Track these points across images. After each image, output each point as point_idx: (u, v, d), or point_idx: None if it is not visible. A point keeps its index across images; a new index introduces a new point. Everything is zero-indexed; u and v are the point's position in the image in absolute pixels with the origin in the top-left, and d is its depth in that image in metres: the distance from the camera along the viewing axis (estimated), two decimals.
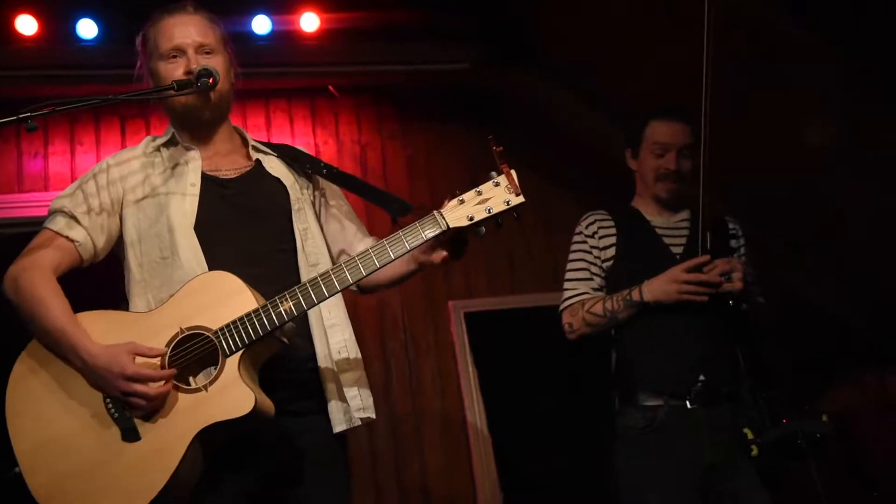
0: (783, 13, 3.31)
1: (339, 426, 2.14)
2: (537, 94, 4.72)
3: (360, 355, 2.25)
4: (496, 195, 2.01)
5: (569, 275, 3.04)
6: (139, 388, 1.93)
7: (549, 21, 4.34)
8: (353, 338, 2.25)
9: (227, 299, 2.00)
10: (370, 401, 2.22)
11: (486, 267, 4.83)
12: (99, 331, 2.03)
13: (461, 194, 2.02)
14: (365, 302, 4.38)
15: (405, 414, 4.44)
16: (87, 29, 4.22)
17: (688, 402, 2.74)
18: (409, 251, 2.01)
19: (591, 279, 2.99)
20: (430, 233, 2.01)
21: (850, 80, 3.41)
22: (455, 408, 4.49)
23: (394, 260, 2.01)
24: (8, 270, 2.13)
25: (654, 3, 3.72)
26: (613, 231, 3.01)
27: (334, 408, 2.15)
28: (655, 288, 2.78)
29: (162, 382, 1.95)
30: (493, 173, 2.03)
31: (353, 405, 2.17)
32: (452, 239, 2.05)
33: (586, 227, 3.05)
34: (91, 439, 1.97)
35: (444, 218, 2.01)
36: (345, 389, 2.18)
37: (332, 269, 2.01)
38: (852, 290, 4.35)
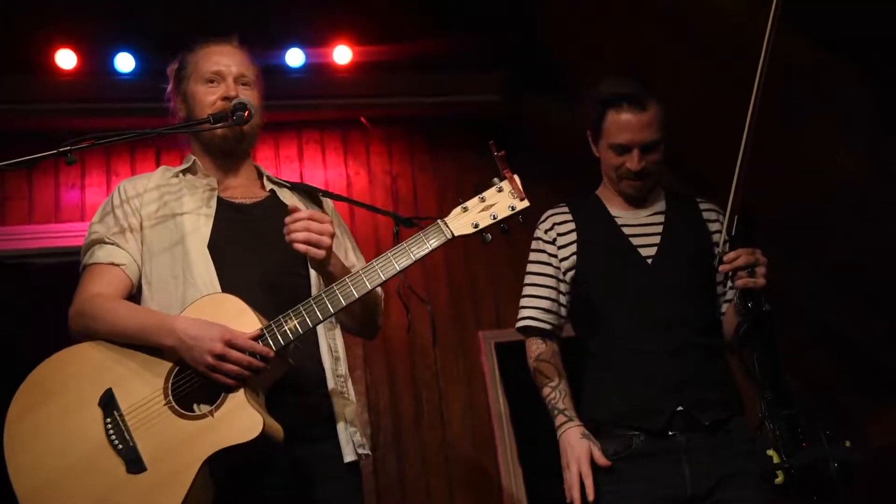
0: (812, 42, 3.29)
1: (348, 456, 2.12)
2: (568, 125, 4.73)
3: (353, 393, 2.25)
4: (500, 201, 2.01)
5: (525, 289, 2.73)
6: (235, 353, 1.88)
7: (579, 51, 4.36)
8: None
9: (228, 322, 1.94)
10: (364, 439, 2.20)
11: (517, 297, 4.77)
12: (97, 359, 2.00)
13: (464, 202, 2.02)
14: (395, 333, 4.37)
15: (435, 444, 4.41)
16: (124, 63, 4.34)
17: (668, 430, 2.43)
18: (415, 262, 1.98)
19: (544, 298, 2.66)
20: (434, 242, 1.99)
21: (879, 111, 3.37)
22: (485, 439, 4.45)
23: (399, 272, 1.97)
24: (69, 314, 2.12)
25: (682, 33, 3.72)
26: (574, 234, 2.65)
27: (343, 438, 2.13)
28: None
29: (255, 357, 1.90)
30: (496, 179, 2.03)
31: (354, 440, 2.15)
32: None
33: (545, 233, 2.68)
34: (94, 473, 1.90)
35: (448, 226, 2.00)
36: (348, 421, 2.16)
37: (336, 285, 1.98)
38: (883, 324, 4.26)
